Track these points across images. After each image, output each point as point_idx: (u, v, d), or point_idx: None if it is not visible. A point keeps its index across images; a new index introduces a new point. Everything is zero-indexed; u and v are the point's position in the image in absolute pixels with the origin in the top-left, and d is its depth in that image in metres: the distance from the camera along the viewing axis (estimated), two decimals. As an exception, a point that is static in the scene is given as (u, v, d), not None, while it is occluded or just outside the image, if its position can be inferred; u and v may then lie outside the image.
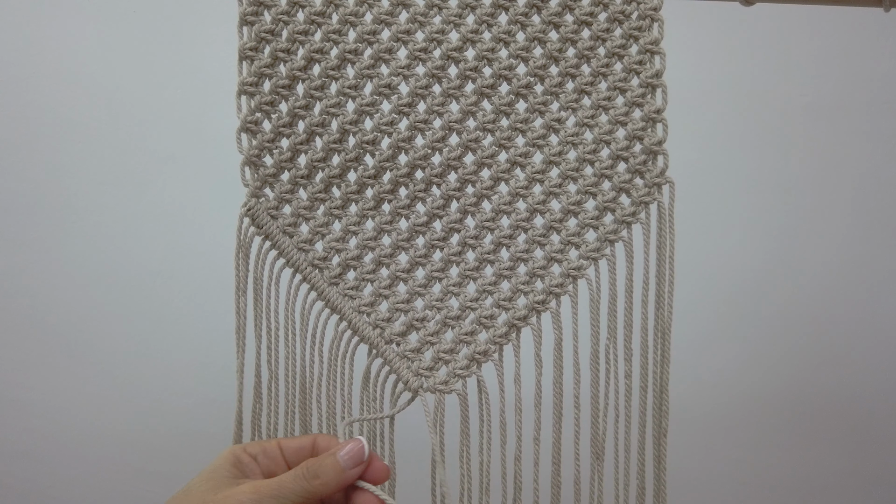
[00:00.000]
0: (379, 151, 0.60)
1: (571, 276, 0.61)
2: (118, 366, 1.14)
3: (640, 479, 0.63)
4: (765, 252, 1.15)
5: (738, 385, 1.17)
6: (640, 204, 0.61)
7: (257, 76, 0.59)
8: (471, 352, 0.62)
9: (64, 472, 1.17)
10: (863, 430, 1.19)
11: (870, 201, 1.14)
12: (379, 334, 0.62)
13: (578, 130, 0.61)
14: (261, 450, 0.53)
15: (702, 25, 1.09)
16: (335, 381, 0.63)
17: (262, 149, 0.60)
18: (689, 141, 1.07)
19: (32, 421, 1.16)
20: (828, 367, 1.17)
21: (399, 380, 0.62)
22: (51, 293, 1.13)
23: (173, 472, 1.15)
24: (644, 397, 0.62)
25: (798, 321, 1.16)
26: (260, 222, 0.61)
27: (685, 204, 0.64)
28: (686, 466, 1.17)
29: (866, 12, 0.68)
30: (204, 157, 1.10)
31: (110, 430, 1.15)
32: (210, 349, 1.13)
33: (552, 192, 0.61)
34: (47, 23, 1.08)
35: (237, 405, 0.61)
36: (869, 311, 1.16)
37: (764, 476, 1.19)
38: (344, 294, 0.62)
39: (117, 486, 1.17)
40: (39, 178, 1.11)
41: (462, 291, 0.62)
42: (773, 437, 1.18)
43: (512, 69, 0.60)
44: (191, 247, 1.12)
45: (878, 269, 1.15)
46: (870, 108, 1.12)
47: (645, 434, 0.62)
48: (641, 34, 0.59)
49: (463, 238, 0.62)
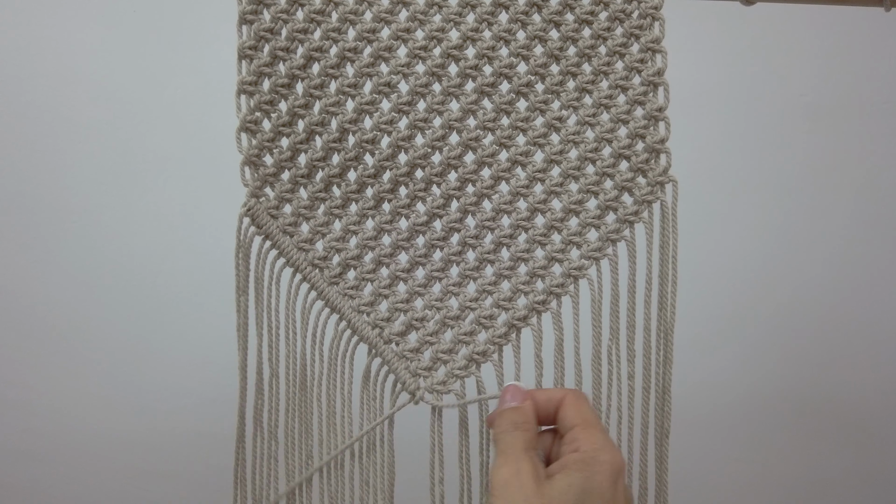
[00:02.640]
0: (379, 150, 0.60)
1: (572, 276, 0.61)
2: (118, 366, 1.14)
3: (642, 480, 0.62)
4: (765, 252, 1.15)
5: (738, 385, 1.17)
6: (643, 203, 0.60)
7: (257, 75, 0.58)
8: (470, 352, 0.61)
9: (64, 472, 1.17)
10: (863, 430, 1.19)
11: (870, 201, 1.14)
12: (378, 334, 0.62)
13: (579, 129, 0.60)
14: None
15: (702, 25, 1.09)
16: (335, 379, 0.63)
17: (261, 148, 0.60)
18: (689, 140, 1.07)
19: (32, 421, 1.16)
20: (828, 367, 1.17)
21: (398, 379, 0.61)
22: (51, 293, 1.13)
23: (173, 472, 1.15)
24: (647, 399, 0.61)
25: (798, 321, 1.16)
26: (260, 222, 0.60)
27: (685, 204, 0.64)
28: (686, 466, 1.17)
29: (866, 12, 0.68)
30: (204, 157, 1.09)
31: (110, 430, 1.15)
32: (210, 349, 1.13)
33: (553, 192, 0.61)
34: (47, 23, 1.08)
35: (239, 402, 0.61)
36: (869, 311, 1.16)
37: (764, 476, 1.19)
38: (344, 293, 0.61)
39: (117, 486, 1.17)
40: (39, 178, 1.11)
41: (462, 291, 0.62)
42: (773, 437, 1.18)
43: (512, 68, 0.60)
44: (191, 247, 1.12)
45: (878, 269, 1.15)
46: (870, 108, 1.12)
47: (647, 435, 0.62)
48: (642, 33, 0.59)
49: (463, 238, 0.62)
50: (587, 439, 0.50)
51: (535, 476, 0.48)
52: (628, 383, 0.61)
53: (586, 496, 0.47)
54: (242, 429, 0.63)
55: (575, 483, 0.48)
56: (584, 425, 0.52)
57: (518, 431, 0.52)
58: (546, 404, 0.55)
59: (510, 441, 0.52)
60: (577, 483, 0.48)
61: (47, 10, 1.08)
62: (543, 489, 0.47)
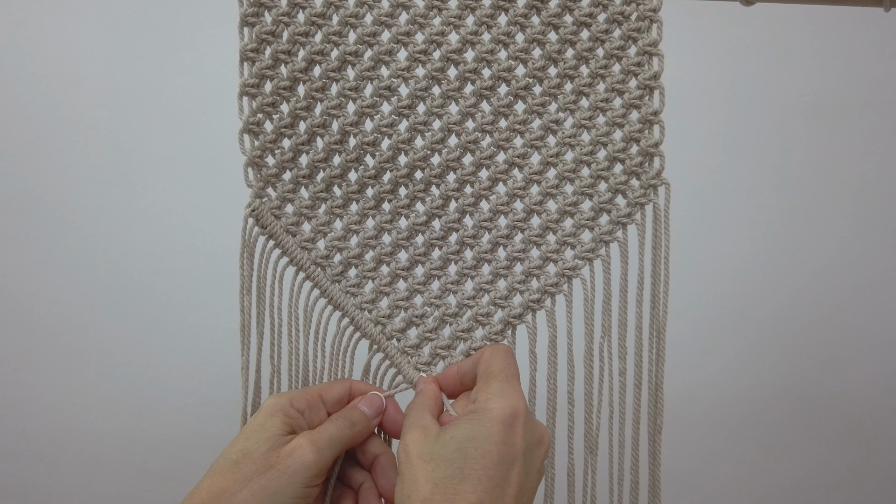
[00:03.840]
0: (379, 152, 0.61)
1: (566, 276, 0.62)
2: (118, 366, 1.14)
3: (634, 475, 0.63)
4: (765, 252, 1.15)
5: (737, 385, 1.17)
6: (636, 205, 0.61)
7: (259, 77, 0.59)
8: (467, 348, 0.63)
9: (64, 472, 1.17)
10: (863, 430, 1.19)
11: (870, 201, 1.14)
12: (380, 330, 0.63)
13: (576, 132, 0.61)
14: (306, 404, 0.55)
15: (702, 25, 1.09)
16: (337, 374, 0.64)
17: (264, 149, 0.60)
18: (688, 141, 1.08)
19: (32, 421, 1.16)
20: (827, 367, 1.17)
21: (399, 373, 0.63)
22: (51, 293, 1.13)
23: (173, 472, 1.15)
24: (639, 395, 0.62)
25: (798, 321, 1.16)
26: (264, 222, 0.61)
27: (685, 204, 0.64)
28: (686, 466, 1.17)
29: (866, 12, 0.69)
30: (204, 157, 1.10)
31: (110, 430, 1.16)
32: (210, 349, 1.13)
33: (548, 193, 0.62)
34: (47, 23, 1.08)
35: (242, 401, 0.62)
36: (869, 311, 1.16)
37: (764, 476, 1.19)
38: (346, 291, 0.62)
39: (117, 486, 1.17)
40: (39, 178, 1.11)
41: (460, 289, 0.63)
42: (773, 437, 1.19)
43: (511, 70, 0.60)
44: (191, 247, 1.12)
45: (878, 269, 1.15)
46: (870, 108, 1.12)
47: (639, 431, 0.62)
48: (640, 35, 0.59)
49: (461, 237, 0.62)
50: (483, 391, 0.51)
51: (422, 439, 0.49)
52: (619, 379, 0.62)
53: (469, 443, 0.47)
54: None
55: (458, 433, 0.48)
56: (485, 378, 0.53)
57: (410, 408, 0.55)
58: (470, 368, 0.57)
59: (406, 416, 0.54)
60: (462, 432, 0.48)
61: (47, 10, 1.08)
62: (426, 448, 0.48)
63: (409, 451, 0.49)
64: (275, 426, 0.52)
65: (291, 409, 0.54)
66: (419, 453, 0.48)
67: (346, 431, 0.53)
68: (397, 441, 0.54)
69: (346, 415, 0.55)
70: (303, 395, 0.55)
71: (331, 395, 0.57)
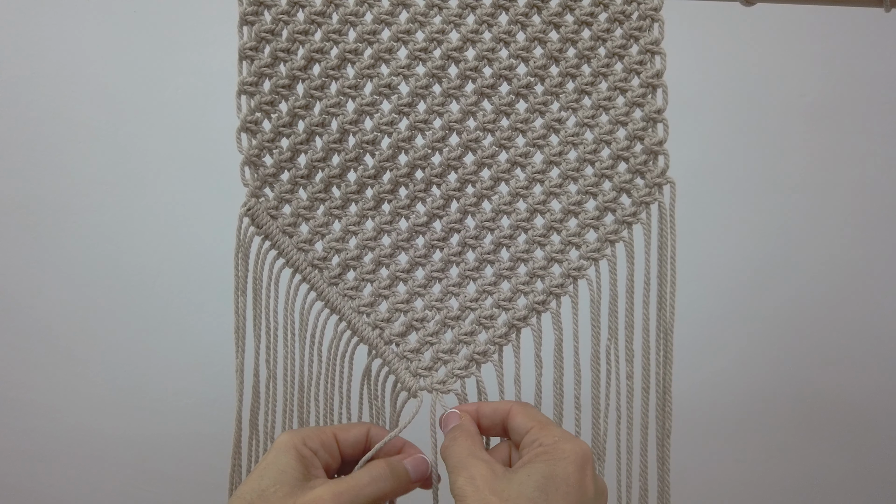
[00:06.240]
0: (379, 151, 0.60)
1: (572, 277, 0.61)
2: (118, 366, 1.14)
3: (643, 480, 0.62)
4: (765, 252, 1.15)
5: (738, 385, 1.17)
6: (641, 204, 0.60)
7: (257, 76, 0.58)
8: (470, 352, 0.61)
9: (64, 472, 1.17)
10: (863, 430, 1.19)
11: (870, 201, 1.14)
12: (378, 335, 0.62)
13: (579, 130, 0.60)
14: (320, 444, 0.53)
15: (702, 25, 1.09)
16: (334, 380, 0.63)
17: (262, 148, 0.60)
18: (689, 141, 1.07)
19: (32, 421, 1.16)
20: (828, 367, 1.17)
21: (398, 380, 0.62)
22: (51, 293, 1.13)
23: (173, 472, 1.15)
24: (646, 398, 0.61)
25: (798, 321, 1.16)
26: (260, 222, 0.60)
27: (685, 204, 0.64)
28: (686, 466, 1.17)
29: (866, 12, 0.68)
30: (204, 157, 1.10)
31: (110, 430, 1.15)
32: (210, 349, 1.13)
33: (552, 193, 0.61)
34: (47, 23, 1.08)
35: (237, 405, 0.61)
36: (869, 311, 1.16)
37: (764, 476, 1.19)
38: (343, 294, 0.62)
39: (117, 486, 1.17)
40: (39, 178, 1.11)
41: (462, 292, 0.62)
42: (774, 437, 1.18)
43: (512, 69, 0.60)
44: (191, 247, 1.12)
45: (878, 269, 1.15)
46: (870, 108, 1.12)
47: (647, 435, 0.62)
48: (642, 34, 0.59)
49: (463, 238, 0.62)
50: (547, 435, 0.50)
51: (491, 475, 0.48)
52: (627, 383, 0.61)
53: (548, 482, 0.47)
54: (239, 434, 0.63)
55: (535, 472, 0.47)
56: (540, 426, 0.52)
57: (459, 440, 0.52)
58: (493, 415, 0.55)
59: (454, 450, 0.51)
60: (539, 471, 0.47)
61: (47, 10, 1.08)
62: (499, 485, 0.47)
63: (479, 485, 0.47)
64: (288, 465, 0.50)
65: (304, 448, 0.52)
66: (493, 489, 0.47)
67: (379, 485, 0.51)
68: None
69: (384, 469, 0.52)
70: (317, 435, 0.54)
71: (346, 438, 0.55)
